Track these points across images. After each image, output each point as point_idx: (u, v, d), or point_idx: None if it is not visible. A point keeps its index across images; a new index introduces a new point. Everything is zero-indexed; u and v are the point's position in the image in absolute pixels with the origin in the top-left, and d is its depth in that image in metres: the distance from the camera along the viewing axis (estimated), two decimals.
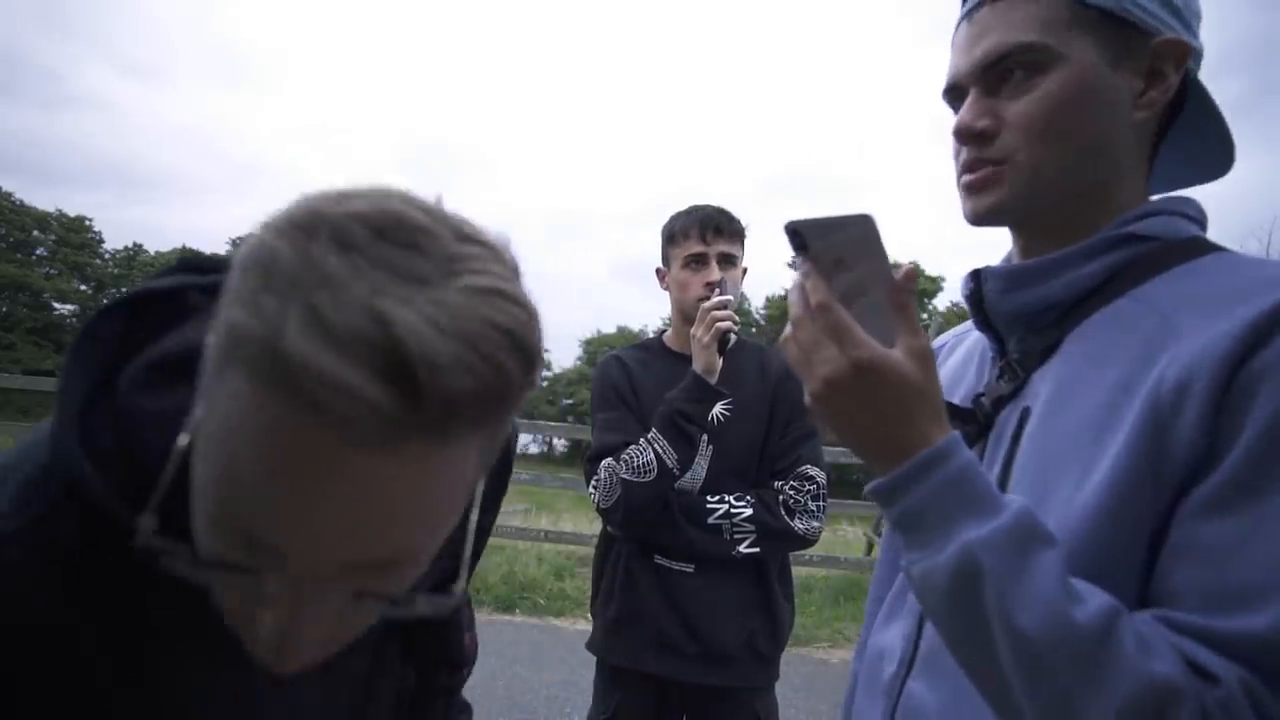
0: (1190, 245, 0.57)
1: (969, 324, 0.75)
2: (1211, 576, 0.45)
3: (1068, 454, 0.53)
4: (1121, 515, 0.49)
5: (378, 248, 0.32)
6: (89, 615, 0.43)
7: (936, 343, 0.87)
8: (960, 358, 0.76)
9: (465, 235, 0.36)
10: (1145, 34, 0.56)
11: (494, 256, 0.36)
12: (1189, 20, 0.58)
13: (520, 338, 0.34)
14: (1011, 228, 0.65)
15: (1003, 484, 0.58)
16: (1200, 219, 0.61)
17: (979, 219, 0.62)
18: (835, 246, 0.52)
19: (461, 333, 0.31)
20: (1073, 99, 0.56)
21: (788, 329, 0.55)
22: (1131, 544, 0.49)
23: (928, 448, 0.50)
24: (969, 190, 0.61)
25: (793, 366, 0.55)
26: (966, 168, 0.61)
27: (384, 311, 0.30)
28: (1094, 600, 0.45)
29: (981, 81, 0.59)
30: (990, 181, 0.60)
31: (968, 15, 0.61)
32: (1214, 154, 0.63)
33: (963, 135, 0.60)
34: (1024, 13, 0.56)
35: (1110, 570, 0.48)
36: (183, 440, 0.38)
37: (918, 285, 0.55)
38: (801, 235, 0.52)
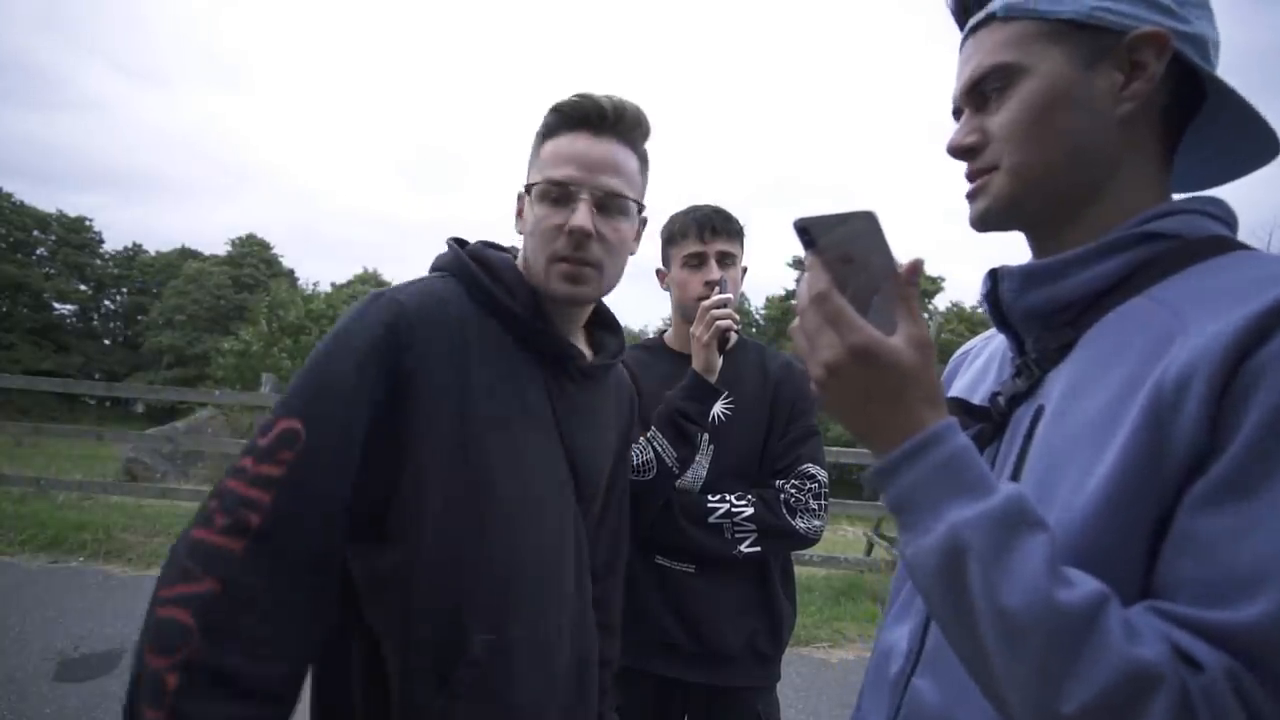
0: (1212, 244, 0.57)
1: (994, 330, 0.76)
2: (1206, 569, 0.45)
3: (1075, 450, 0.53)
4: (1123, 510, 0.49)
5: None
6: (479, 319, 0.87)
7: (962, 349, 0.89)
8: (984, 360, 0.78)
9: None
10: (1121, 32, 0.58)
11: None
12: (1172, 8, 0.59)
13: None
14: (1020, 230, 0.67)
15: (1015, 479, 0.58)
16: (1227, 218, 0.60)
17: (978, 224, 0.66)
18: (840, 242, 0.55)
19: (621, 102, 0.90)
20: (1042, 103, 0.60)
21: (796, 320, 0.58)
22: (1133, 538, 0.49)
23: (921, 431, 0.52)
24: (969, 199, 0.66)
25: (800, 353, 0.58)
26: (967, 180, 0.66)
27: (592, 95, 0.90)
28: (1083, 586, 0.46)
29: (970, 103, 0.65)
30: (982, 188, 0.64)
31: (960, 45, 0.68)
32: (1248, 142, 0.62)
33: (954, 152, 0.66)
34: (997, 37, 0.62)
35: (1112, 564, 0.49)
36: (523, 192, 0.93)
37: (920, 280, 0.56)
38: (809, 231, 0.55)
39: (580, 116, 0.89)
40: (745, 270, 1.57)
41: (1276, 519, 0.43)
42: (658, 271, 1.60)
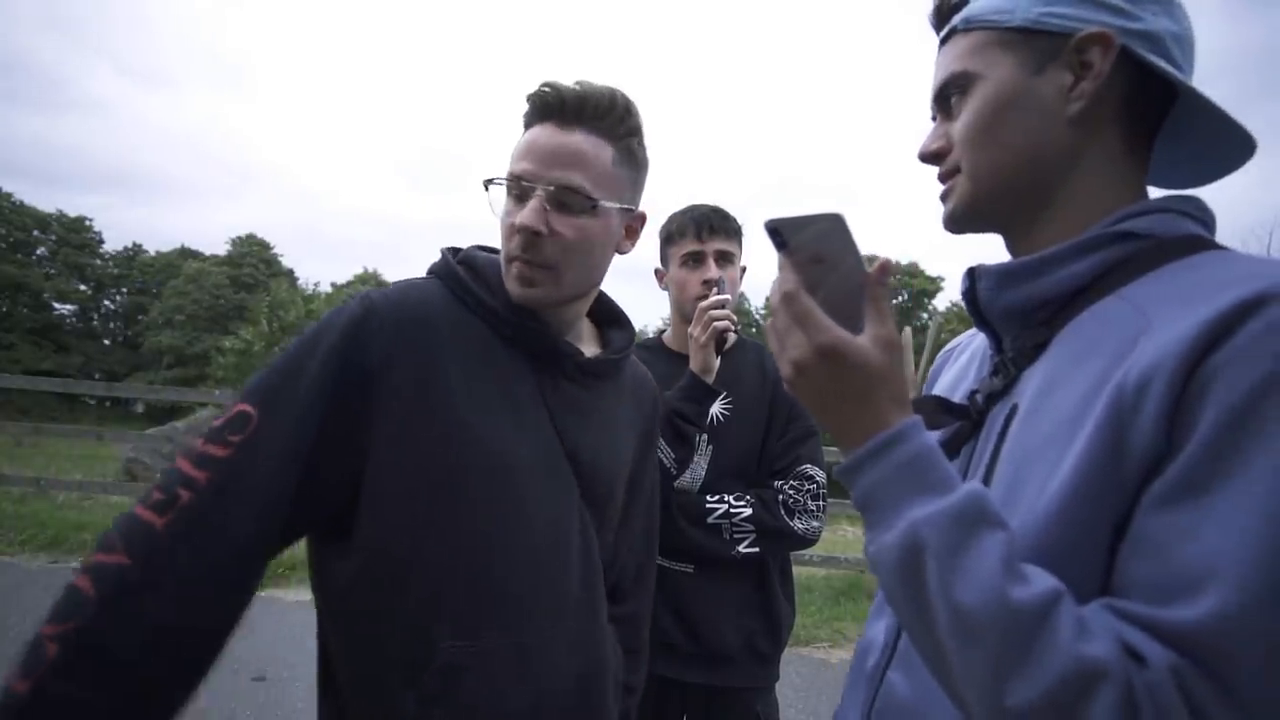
0: (1186, 243, 0.57)
1: None
2: (1158, 567, 0.46)
3: (1041, 451, 0.54)
4: (1083, 510, 0.50)
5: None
6: (459, 319, 0.85)
7: (949, 344, 0.89)
8: (967, 357, 0.79)
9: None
10: (1068, 35, 0.60)
11: None
12: (1121, 7, 0.59)
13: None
14: (992, 231, 0.69)
15: (988, 479, 0.59)
16: (1203, 217, 0.61)
17: (948, 225, 0.69)
18: (810, 243, 0.57)
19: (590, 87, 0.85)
20: (991, 108, 0.62)
21: (770, 319, 0.60)
22: (1093, 538, 0.50)
23: (886, 430, 0.54)
24: (941, 202, 0.69)
25: (772, 351, 0.59)
26: (939, 182, 0.69)
27: (556, 83, 0.85)
28: (1037, 583, 0.47)
29: (939, 111, 0.69)
30: (949, 192, 0.67)
31: (936, 60, 0.70)
32: (1222, 144, 0.63)
33: (923, 158, 0.69)
34: (959, 47, 0.65)
35: (1073, 563, 0.49)
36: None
37: (905, 282, 0.56)
38: (780, 233, 0.57)
39: (542, 106, 0.85)
40: (745, 270, 1.57)
41: (1226, 517, 0.44)
42: (656, 271, 1.60)
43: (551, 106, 0.84)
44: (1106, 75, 0.58)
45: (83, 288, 46.15)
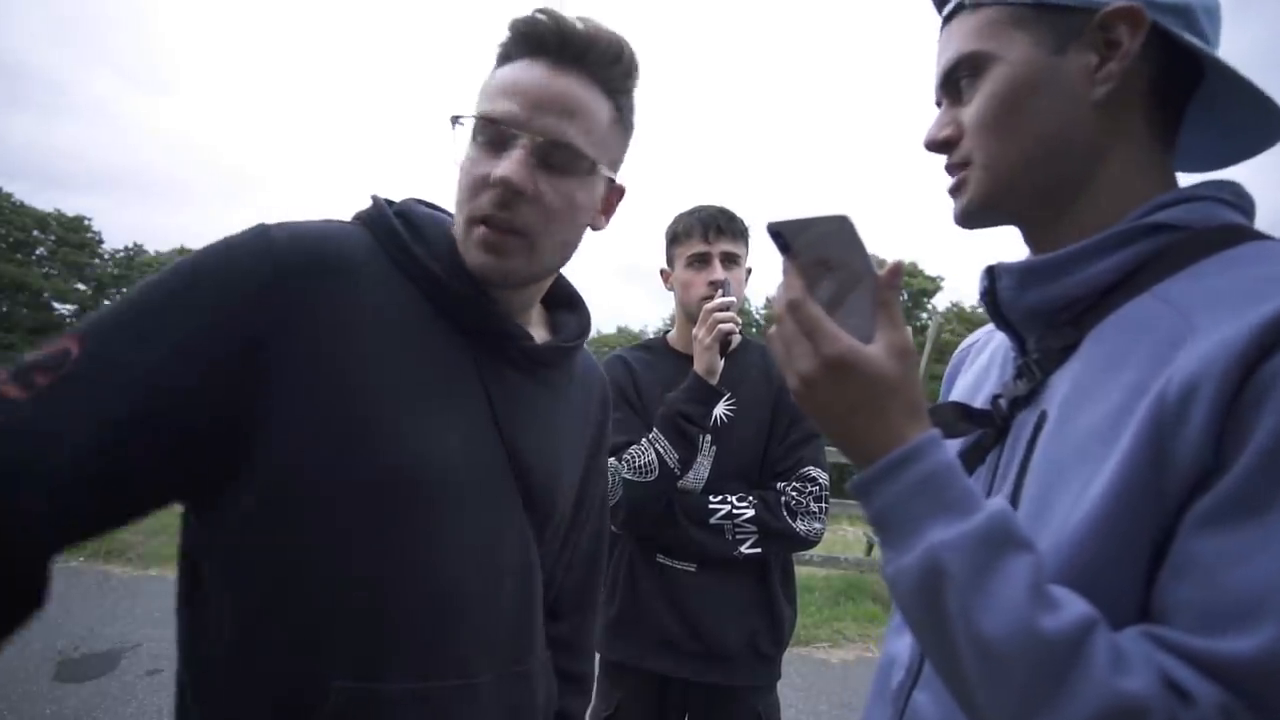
0: (1224, 234, 0.52)
1: None
2: (1205, 593, 0.42)
3: (1074, 462, 0.50)
4: (1120, 527, 0.46)
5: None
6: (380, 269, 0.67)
7: (967, 340, 0.84)
8: (987, 357, 0.73)
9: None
10: (1091, 11, 0.54)
11: None
12: None
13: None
14: (1010, 225, 0.64)
15: (1018, 490, 0.55)
16: (1241, 203, 0.56)
17: (961, 221, 0.63)
18: (815, 246, 0.53)
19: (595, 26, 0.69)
20: (1009, 91, 0.57)
21: (772, 327, 0.55)
22: (1130, 556, 0.46)
23: (900, 446, 0.50)
24: (951, 196, 0.63)
25: (778, 363, 0.55)
26: (948, 175, 0.63)
27: (557, 13, 0.69)
28: (1069, 610, 0.43)
29: (946, 95, 0.62)
30: (962, 184, 0.61)
31: (939, 35, 0.64)
32: (1256, 115, 0.57)
33: (930, 147, 0.63)
34: (967, 26, 0.59)
35: (1108, 585, 0.46)
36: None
37: (904, 282, 0.54)
38: (783, 235, 0.53)
39: (537, 39, 0.68)
40: (750, 271, 1.57)
41: None
42: (662, 272, 1.60)
43: (547, 41, 0.67)
44: (1136, 54, 0.53)
45: (82, 287, 46.08)
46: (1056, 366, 0.57)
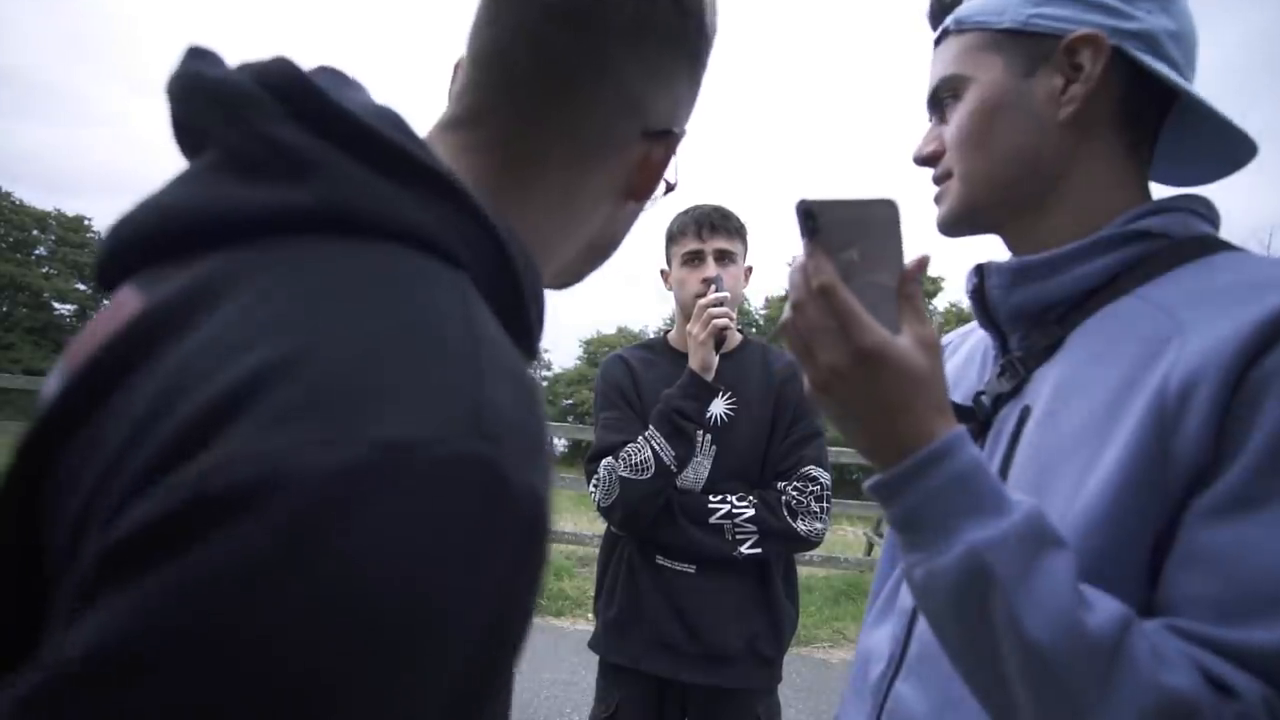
0: (1200, 243, 0.56)
1: (974, 324, 0.75)
2: (1222, 585, 0.43)
3: (1067, 454, 0.52)
4: (1123, 519, 0.47)
5: None
6: None
7: (941, 341, 0.87)
8: (963, 357, 0.76)
9: None
10: (1059, 37, 0.58)
11: None
12: (1115, 6, 0.57)
13: None
14: (991, 233, 0.67)
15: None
16: (1211, 216, 0.60)
17: (942, 229, 0.67)
18: (848, 230, 0.50)
19: None
20: (981, 111, 0.61)
21: (786, 312, 0.52)
22: (1132, 548, 0.47)
23: (931, 443, 0.48)
24: (935, 205, 0.67)
25: (792, 352, 0.53)
26: (934, 184, 0.67)
27: None
28: (1105, 608, 0.44)
29: (933, 114, 0.67)
30: (942, 195, 0.66)
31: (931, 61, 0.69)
32: (1225, 143, 0.61)
33: (917, 161, 0.68)
34: (952, 49, 0.64)
35: (1110, 574, 0.47)
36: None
37: (923, 279, 0.54)
38: (815, 217, 0.50)
39: None
40: (750, 270, 1.57)
41: None
42: (661, 272, 1.60)
43: None
44: (1099, 77, 0.57)
45: (82, 287, 46.15)
46: (1040, 364, 0.59)
